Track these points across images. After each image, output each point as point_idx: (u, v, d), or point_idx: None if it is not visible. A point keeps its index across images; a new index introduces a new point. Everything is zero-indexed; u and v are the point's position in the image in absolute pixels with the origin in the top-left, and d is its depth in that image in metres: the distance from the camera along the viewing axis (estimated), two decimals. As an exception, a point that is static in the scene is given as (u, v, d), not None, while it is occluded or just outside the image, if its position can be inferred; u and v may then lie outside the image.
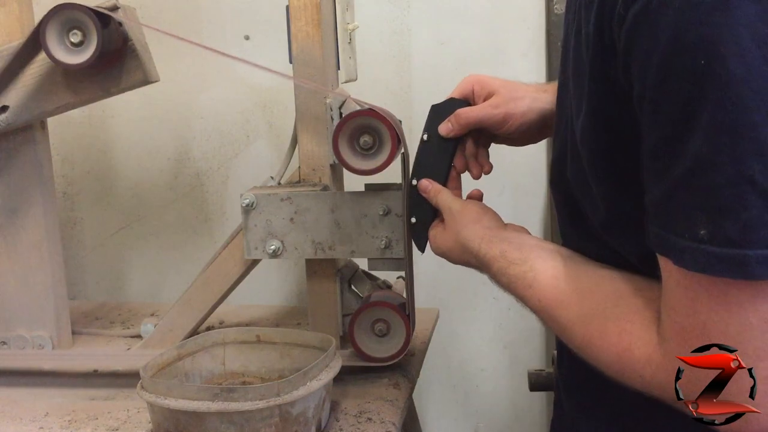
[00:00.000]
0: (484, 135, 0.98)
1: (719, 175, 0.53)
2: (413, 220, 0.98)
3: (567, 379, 0.86)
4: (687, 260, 0.56)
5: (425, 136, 0.97)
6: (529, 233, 0.86)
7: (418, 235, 0.98)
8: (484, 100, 0.95)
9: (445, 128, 0.95)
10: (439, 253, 0.92)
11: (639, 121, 0.60)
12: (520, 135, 0.95)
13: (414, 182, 0.97)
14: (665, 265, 0.59)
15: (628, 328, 0.64)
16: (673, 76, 0.55)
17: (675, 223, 0.57)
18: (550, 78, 1.45)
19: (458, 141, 0.96)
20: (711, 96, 0.53)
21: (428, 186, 0.95)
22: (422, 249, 0.99)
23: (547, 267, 0.75)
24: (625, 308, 0.66)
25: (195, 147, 1.58)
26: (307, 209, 1.07)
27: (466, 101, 0.96)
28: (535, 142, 0.99)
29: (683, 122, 0.55)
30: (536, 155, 1.46)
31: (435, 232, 0.94)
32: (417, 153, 0.98)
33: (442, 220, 0.93)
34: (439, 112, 0.96)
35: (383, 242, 1.06)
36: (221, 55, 1.03)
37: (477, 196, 0.96)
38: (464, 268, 0.90)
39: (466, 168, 0.98)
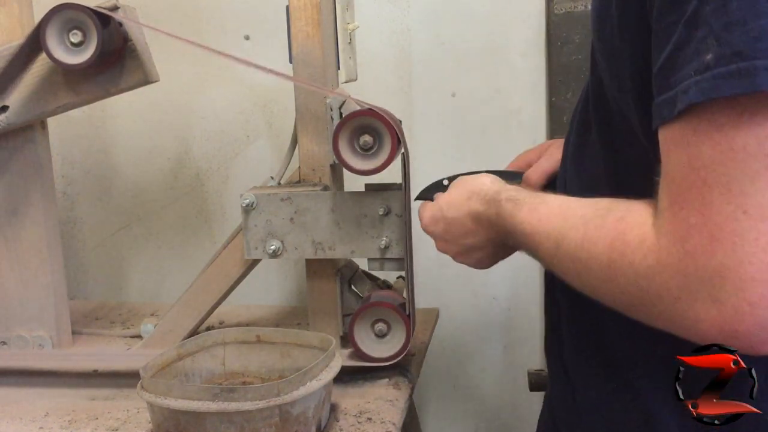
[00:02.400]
0: None
1: None
2: (445, 182, 0.99)
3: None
4: (691, 95, 0.54)
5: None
6: None
7: (430, 190, 1.00)
8: None
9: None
10: (442, 203, 0.91)
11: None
12: None
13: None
14: (665, 136, 0.57)
15: (626, 215, 0.62)
16: None
17: (680, 70, 0.55)
18: (549, 77, 1.45)
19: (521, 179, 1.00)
20: None
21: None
22: (418, 198, 1.02)
23: (558, 197, 0.75)
24: (627, 203, 0.63)
25: (195, 147, 1.58)
26: (307, 209, 1.07)
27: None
28: None
29: None
30: (536, 155, 1.45)
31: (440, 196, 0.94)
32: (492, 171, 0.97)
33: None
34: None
35: (383, 242, 1.06)
36: (221, 55, 1.03)
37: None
38: (463, 268, 0.89)
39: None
